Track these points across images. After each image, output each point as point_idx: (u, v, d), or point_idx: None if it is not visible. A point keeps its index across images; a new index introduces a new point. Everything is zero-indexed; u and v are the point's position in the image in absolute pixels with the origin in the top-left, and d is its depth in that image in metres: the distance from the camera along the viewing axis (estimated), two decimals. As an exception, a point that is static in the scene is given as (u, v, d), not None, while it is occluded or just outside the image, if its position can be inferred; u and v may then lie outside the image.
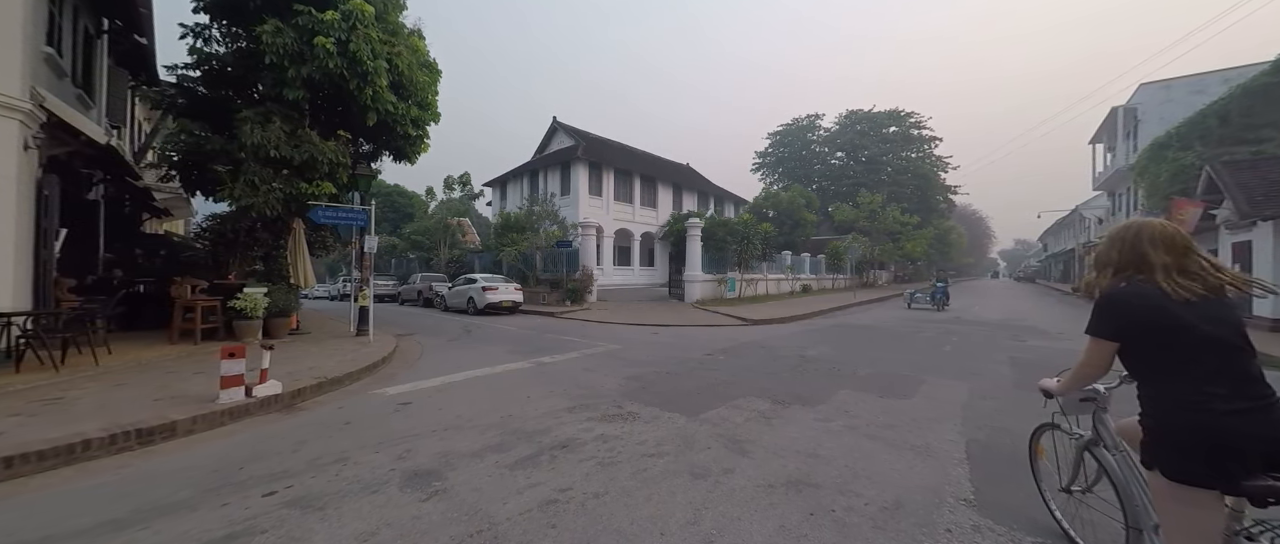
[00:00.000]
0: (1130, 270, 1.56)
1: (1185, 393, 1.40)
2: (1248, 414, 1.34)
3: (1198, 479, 1.36)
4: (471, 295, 15.35)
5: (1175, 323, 1.42)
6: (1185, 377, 1.40)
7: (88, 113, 9.34)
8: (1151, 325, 1.46)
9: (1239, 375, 1.38)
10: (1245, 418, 1.33)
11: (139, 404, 4.43)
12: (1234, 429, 1.33)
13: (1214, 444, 1.34)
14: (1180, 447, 1.39)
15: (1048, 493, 2.54)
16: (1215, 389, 1.36)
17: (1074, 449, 2.24)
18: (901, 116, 46.62)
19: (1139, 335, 1.49)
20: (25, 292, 6.27)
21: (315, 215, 7.98)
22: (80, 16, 8.56)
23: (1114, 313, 1.54)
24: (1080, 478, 2.24)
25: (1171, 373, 1.43)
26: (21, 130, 5.96)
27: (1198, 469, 1.36)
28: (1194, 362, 1.40)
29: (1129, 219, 1.66)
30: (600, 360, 7.13)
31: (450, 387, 5.55)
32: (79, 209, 9.35)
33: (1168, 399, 1.44)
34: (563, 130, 30.51)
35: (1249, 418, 1.33)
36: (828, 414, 4.35)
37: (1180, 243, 1.51)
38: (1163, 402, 1.45)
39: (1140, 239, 1.55)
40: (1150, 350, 1.48)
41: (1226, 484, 1.34)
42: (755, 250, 19.23)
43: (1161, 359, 1.46)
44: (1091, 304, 1.60)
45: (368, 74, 8.09)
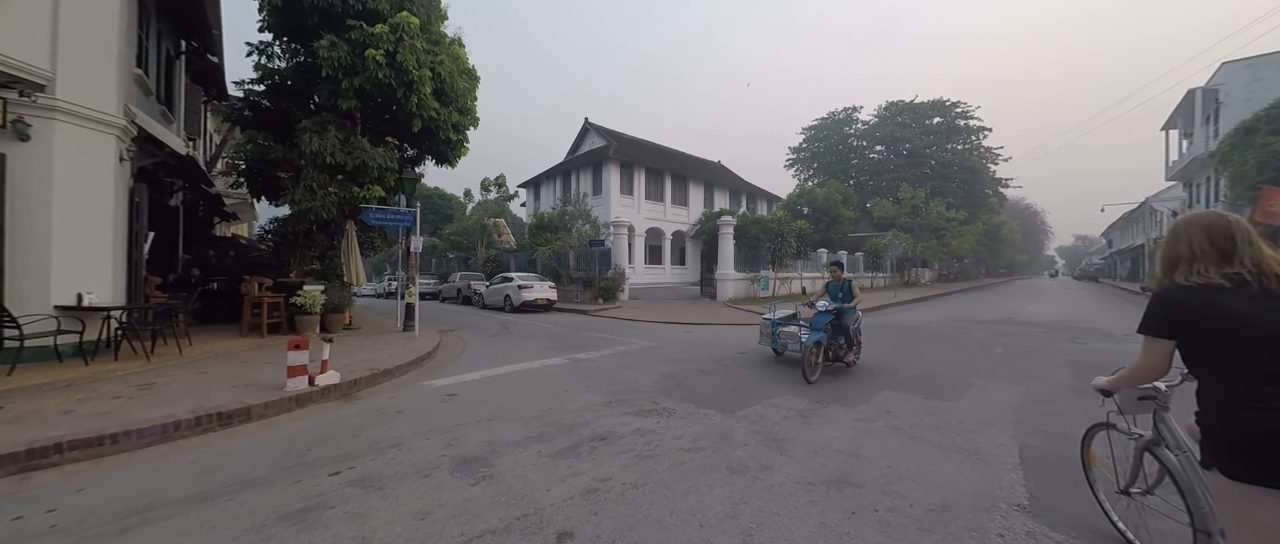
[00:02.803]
0: (1187, 265, 1.50)
1: (1243, 390, 1.33)
2: None
3: (1258, 478, 1.28)
4: (508, 293, 15.83)
5: (1233, 317, 1.36)
6: (1244, 373, 1.34)
7: (169, 126, 10.29)
8: (1206, 320, 1.41)
9: None
10: None
11: (219, 390, 4.88)
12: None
13: (1273, 442, 1.26)
14: (1237, 445, 1.33)
15: (1103, 496, 2.46)
16: (1275, 388, 1.29)
17: (1133, 450, 2.15)
18: (946, 106, 44.37)
19: (1193, 331, 1.45)
20: (121, 289, 7.00)
21: (367, 218, 8.49)
22: (163, 40, 9.44)
23: (1165, 309, 1.51)
24: (1140, 480, 2.15)
25: (1229, 369, 1.37)
26: (117, 144, 6.66)
27: (1256, 468, 1.28)
28: (1252, 357, 1.33)
29: (1189, 212, 1.59)
30: (635, 357, 7.22)
31: (492, 380, 5.78)
32: (162, 214, 10.33)
33: (1225, 396, 1.37)
34: (594, 131, 30.89)
35: None
36: (869, 414, 4.25)
37: (1240, 234, 1.44)
38: (1219, 399, 1.39)
39: (1197, 232, 1.49)
40: (1206, 346, 1.43)
41: (1265, 477, 1.27)
42: (790, 248, 18.86)
43: (1217, 355, 1.40)
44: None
45: (413, 83, 8.52)
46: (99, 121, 6.36)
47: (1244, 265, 1.40)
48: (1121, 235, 48.89)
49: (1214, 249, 1.44)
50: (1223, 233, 1.46)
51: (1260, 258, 1.41)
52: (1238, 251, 1.42)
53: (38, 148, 5.81)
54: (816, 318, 5.81)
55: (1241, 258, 1.41)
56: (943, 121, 44.36)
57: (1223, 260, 1.43)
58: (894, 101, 46.44)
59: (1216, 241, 1.45)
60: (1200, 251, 1.46)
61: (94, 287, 6.33)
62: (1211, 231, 1.46)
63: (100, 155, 6.42)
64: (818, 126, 49.83)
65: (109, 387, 4.95)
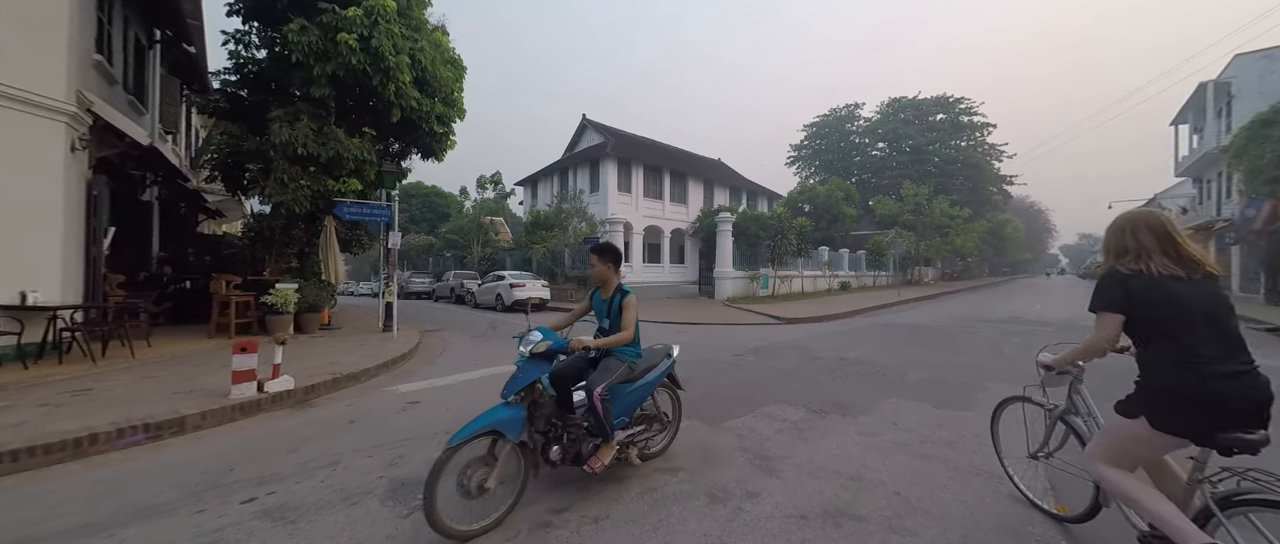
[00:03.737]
0: (1129, 256, 1.73)
1: (1180, 357, 1.57)
2: (1235, 377, 1.51)
3: (1180, 431, 1.57)
4: (500, 292, 15.41)
5: (1174, 297, 1.61)
6: (1179, 343, 1.58)
7: (140, 119, 9.88)
8: (1151, 300, 1.63)
9: (1226, 343, 1.56)
10: (1232, 381, 1.51)
11: (159, 397, 4.45)
12: (1221, 390, 1.51)
13: (1203, 402, 1.52)
14: (1173, 402, 1.57)
15: (1006, 459, 2.75)
16: (1206, 353, 1.54)
17: (1047, 419, 2.42)
18: (950, 103, 43.77)
19: (1141, 308, 1.66)
20: (76, 287, 6.57)
21: (341, 212, 8.05)
22: (130, 26, 9.02)
23: (1117, 289, 1.71)
24: (1046, 445, 2.42)
25: (1167, 339, 1.61)
26: (68, 132, 6.23)
27: (1183, 422, 1.56)
28: (1187, 330, 1.57)
29: (1126, 211, 1.84)
30: (621, 360, 6.77)
31: (462, 386, 5.34)
32: (133, 209, 9.92)
33: (1165, 362, 1.61)
34: (592, 127, 30.45)
35: (1236, 380, 1.51)
36: (872, 427, 3.79)
37: (1168, 230, 1.70)
38: (1160, 364, 1.63)
39: (1137, 227, 1.74)
40: (1148, 320, 1.66)
41: (1203, 437, 1.53)
42: (790, 246, 18.37)
43: (1163, 328, 1.62)
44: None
45: (390, 70, 8.07)
46: (45, 108, 5.93)
47: (1179, 256, 1.67)
48: (1128, 233, 48.23)
49: (1156, 242, 1.69)
50: (1161, 229, 1.71)
51: (1189, 251, 1.67)
52: (1173, 245, 1.68)
53: (-26, 135, 5.40)
54: (516, 375, 2.75)
55: (1176, 250, 1.68)
56: (946, 118, 43.77)
57: (1162, 252, 1.68)
58: (897, 98, 45.87)
59: (1157, 236, 1.70)
60: (1144, 244, 1.70)
61: (40, 284, 5.90)
62: (1152, 228, 1.72)
63: (47, 144, 6.00)
64: (819, 124, 49.27)
65: (39, 393, 4.52)
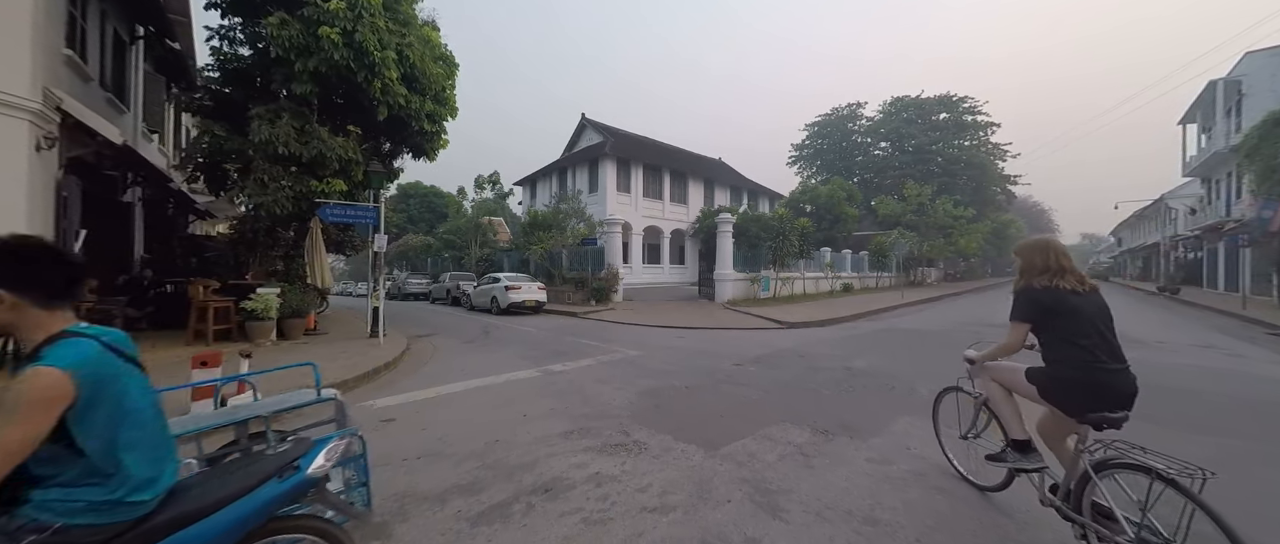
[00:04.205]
0: (1045, 274, 2.21)
1: (1078, 356, 2.06)
2: (1116, 374, 2.05)
3: (1064, 407, 2.11)
4: (495, 294, 15.07)
5: (1074, 307, 2.12)
6: (1077, 345, 2.07)
7: (120, 118, 9.56)
8: (1055, 310, 2.13)
9: (1111, 347, 2.08)
10: (1114, 375, 2.05)
11: (112, 416, 4.13)
12: (1106, 383, 2.03)
13: (1091, 390, 2.03)
14: (1066, 389, 2.10)
15: (944, 442, 3.12)
16: (1100, 356, 2.05)
17: (974, 405, 2.81)
18: (953, 102, 43.31)
19: (1046, 317, 2.16)
20: (42, 293, 6.27)
21: (324, 213, 7.73)
22: (108, 21, 8.70)
23: (1031, 303, 2.21)
24: (974, 427, 2.81)
25: (1068, 343, 2.09)
26: (32, 130, 5.91)
27: (1070, 402, 2.09)
28: (1086, 335, 2.07)
29: (1034, 236, 2.50)
30: (615, 369, 6.44)
31: (444, 400, 5.01)
32: (113, 210, 9.60)
33: (1066, 360, 2.10)
34: (591, 127, 30.13)
35: (1116, 376, 2.05)
36: (886, 451, 3.45)
37: (1064, 254, 2.25)
38: (1062, 362, 2.12)
39: (1046, 251, 2.26)
40: (1058, 326, 2.13)
41: (1079, 414, 2.05)
42: (792, 247, 18.01)
43: (1066, 332, 2.10)
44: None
45: (375, 65, 7.75)
46: (6, 105, 5.62)
47: (1073, 275, 2.19)
48: (1132, 233, 47.77)
49: (1056, 263, 2.20)
50: (1058, 253, 2.24)
51: (1074, 269, 2.20)
52: (1065, 266, 2.20)
53: (-75, 133, 5.08)
54: None
55: (1068, 270, 2.19)
56: (949, 117, 43.31)
57: (1059, 271, 2.19)
58: (899, 97, 45.41)
59: (1061, 257, 2.22)
60: (1050, 265, 2.20)
61: (0, 291, 5.58)
62: (1058, 251, 2.25)
63: (9, 143, 5.68)
64: (821, 123, 48.86)
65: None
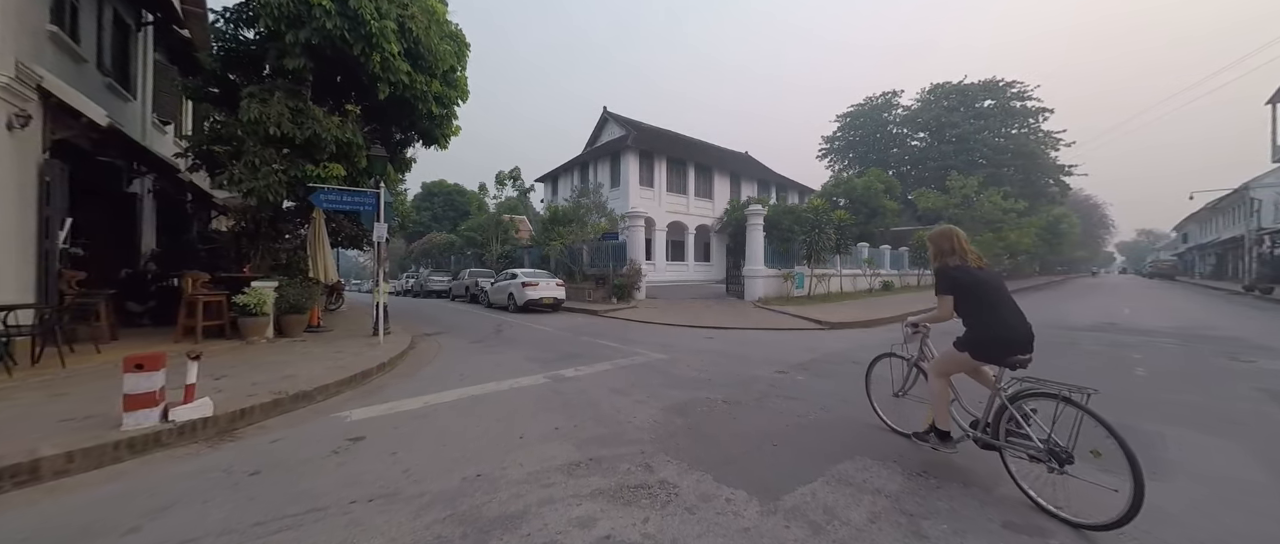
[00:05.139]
0: (953, 256, 2.84)
1: (993, 319, 2.63)
2: (1018, 328, 2.58)
3: (991, 359, 2.65)
4: (511, 291, 14.39)
5: (980, 281, 2.71)
6: (990, 309, 2.65)
7: (125, 105, 9.25)
8: (969, 283, 2.72)
9: (1013, 307, 2.64)
10: (1018, 330, 2.58)
11: (38, 426, 3.47)
12: (1014, 336, 2.57)
13: (1005, 343, 2.58)
14: (986, 344, 2.64)
15: (875, 401, 3.73)
16: (1006, 315, 2.61)
17: (906, 366, 3.48)
18: (999, 88, 40.41)
19: (963, 288, 2.73)
20: (20, 283, 5.80)
21: (318, 199, 7.10)
22: (108, 3, 8.33)
23: (950, 279, 2.78)
24: (904, 385, 3.49)
25: (986, 308, 2.67)
26: (4, 107, 5.43)
27: (992, 354, 2.63)
28: (991, 300, 2.66)
29: (939, 226, 3.12)
30: (636, 376, 5.50)
31: (430, 412, 4.18)
32: (115, 201, 9.31)
33: (985, 322, 2.66)
34: (613, 120, 29.31)
35: (1019, 329, 2.58)
36: (1029, 518, 2.37)
37: (964, 239, 2.89)
38: (981, 323, 2.68)
39: (955, 237, 2.88)
40: (972, 296, 2.70)
41: (1001, 361, 2.61)
42: (828, 241, 16.65)
43: (978, 301, 2.69)
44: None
45: (373, 37, 7.06)
46: (-33, 77, 5.13)
47: (971, 255, 2.83)
48: (1202, 228, 43.56)
49: (962, 246, 2.85)
50: (959, 238, 2.88)
51: (973, 251, 2.87)
52: (966, 249, 2.85)
53: (-127, 105, 4.60)
54: None
55: (969, 251, 2.85)
56: (995, 104, 40.42)
57: (963, 253, 2.83)
58: (939, 84, 42.77)
59: (962, 242, 2.86)
60: (956, 248, 2.84)
61: (-37, 281, 5.10)
62: (960, 237, 2.88)
63: (-29, 119, 5.19)
64: (853, 113, 46.58)
65: (-101, 419, 3.62)
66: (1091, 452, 2.47)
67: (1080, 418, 2.30)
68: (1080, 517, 2.23)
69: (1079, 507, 2.29)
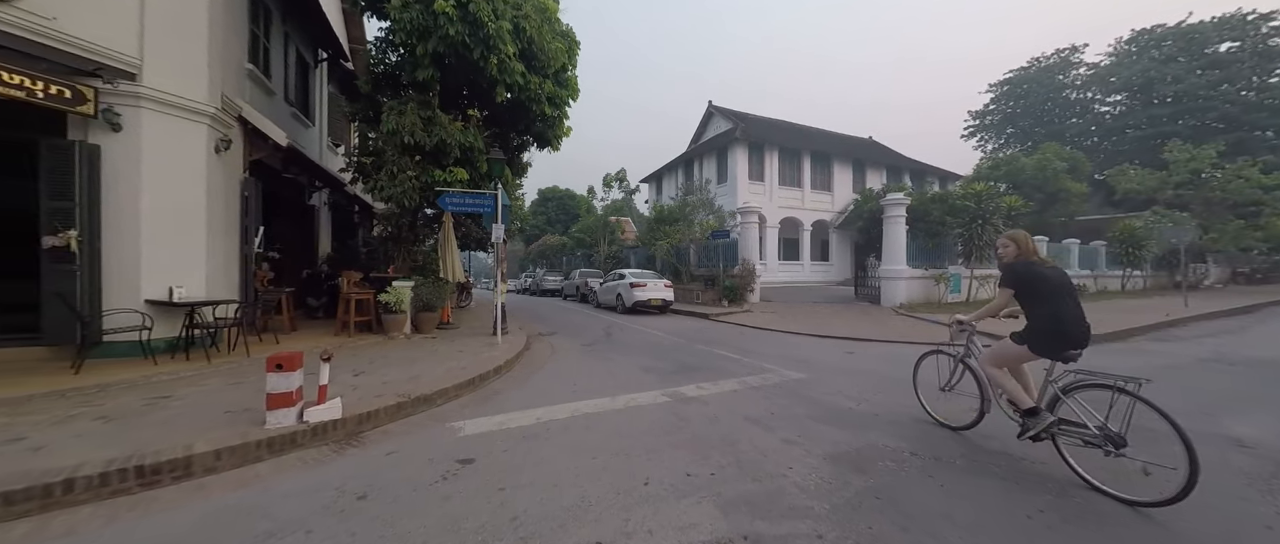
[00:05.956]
0: (1018, 254, 3.04)
1: (1052, 313, 2.78)
2: (1078, 324, 2.74)
3: (1048, 354, 2.83)
4: (620, 292, 14.18)
5: (1043, 277, 2.87)
6: (1051, 305, 2.80)
7: (306, 131, 10.89)
8: (1032, 280, 2.90)
9: (1075, 305, 2.79)
10: (1077, 326, 2.74)
11: (208, 416, 3.73)
12: (1072, 333, 2.74)
13: (1064, 338, 2.75)
14: (1047, 339, 2.80)
15: (922, 395, 3.94)
16: (1066, 312, 2.75)
17: (953, 362, 3.66)
18: (1246, 23, 29.94)
19: (1026, 285, 2.92)
20: (224, 283, 6.83)
21: (443, 202, 7.37)
22: (291, 43, 9.81)
23: (1013, 275, 2.98)
24: (951, 380, 3.70)
25: (1046, 304, 2.81)
26: (210, 133, 6.42)
27: (1050, 349, 2.80)
28: (1055, 299, 2.80)
29: (1008, 230, 3.25)
30: (773, 401, 4.50)
31: (541, 431, 3.71)
32: (301, 213, 10.99)
33: (1046, 318, 2.81)
34: (719, 114, 28.11)
35: (1078, 326, 2.74)
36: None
37: (1031, 239, 3.08)
38: (1043, 319, 2.82)
39: (1019, 238, 3.09)
40: (1036, 293, 2.87)
41: (1057, 356, 2.80)
42: (993, 234, 13.48)
43: (1041, 297, 2.85)
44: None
45: (490, 39, 7.10)
46: (188, 109, 6.10)
47: (1038, 254, 3.03)
48: None
49: (1028, 246, 3.04)
50: (1027, 240, 3.07)
51: (1039, 252, 3.06)
52: (1034, 250, 3.04)
53: (127, 137, 5.65)
54: None
55: (1036, 252, 3.04)
56: (1241, 47, 30.05)
57: (1032, 251, 3.04)
58: (1143, 30, 33.27)
59: (1027, 244, 3.05)
60: (1023, 247, 3.04)
61: (185, 281, 6.10)
62: (1023, 241, 3.06)
63: (190, 145, 6.18)
64: (1014, 80, 38.57)
65: (119, 398, 4.20)
66: (1142, 470, 2.45)
67: (1133, 405, 2.47)
68: (1135, 495, 2.41)
69: (1133, 486, 2.45)
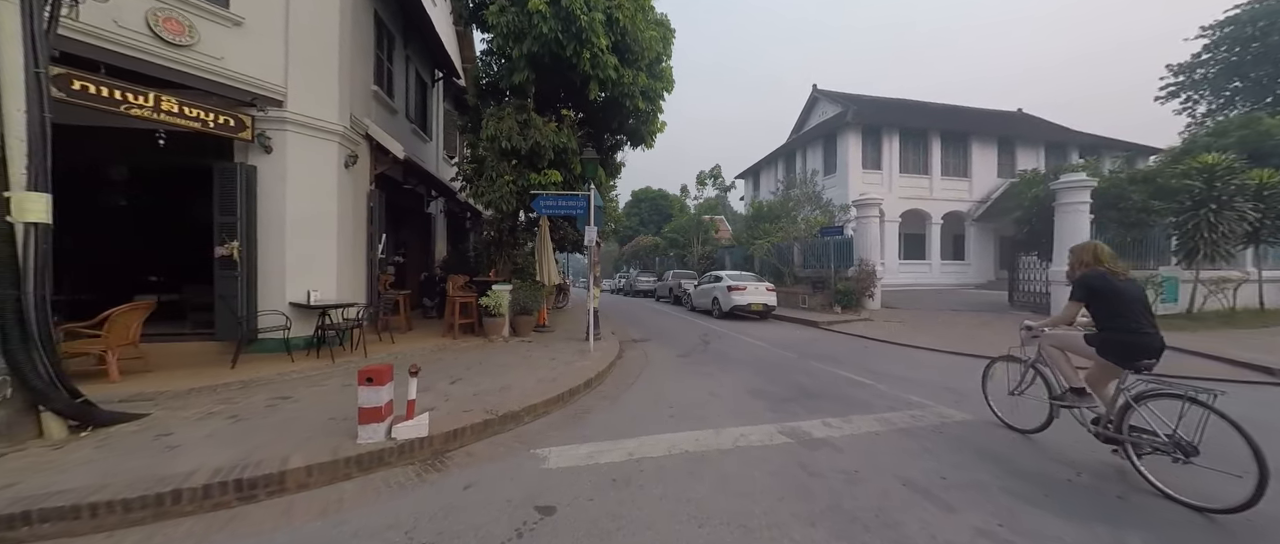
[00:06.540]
0: (1089, 265, 3.21)
1: (1125, 324, 2.94)
2: (1151, 336, 2.89)
3: (1117, 361, 2.98)
4: (716, 295, 13.26)
5: (1118, 291, 3.01)
6: (1124, 317, 2.95)
7: (424, 146, 11.83)
8: (1105, 293, 3.05)
9: (1148, 318, 2.95)
10: (1150, 338, 2.88)
11: (312, 423, 3.79)
12: (1144, 344, 2.88)
13: (1135, 348, 2.89)
14: (1118, 348, 2.96)
15: (991, 399, 4.08)
16: (1140, 324, 2.91)
17: (1023, 367, 3.79)
18: None
19: (1095, 296, 3.08)
20: (353, 287, 7.47)
21: (537, 205, 7.25)
22: (411, 64, 10.67)
23: (1084, 287, 3.14)
24: (1021, 384, 3.79)
25: (1119, 315, 2.97)
26: (340, 150, 7.02)
27: (1123, 358, 2.95)
28: (1129, 310, 2.96)
29: (1081, 242, 3.57)
30: (937, 455, 3.36)
31: (634, 474, 3.11)
32: (421, 221, 11.99)
33: (1118, 328, 2.96)
34: (825, 99, 25.53)
35: (1151, 338, 2.89)
36: None
37: (1106, 250, 3.24)
38: (1115, 328, 2.98)
39: (1094, 250, 3.27)
40: (1108, 304, 3.03)
41: (1128, 365, 2.93)
42: (1237, 226, 9.83)
43: (1113, 308, 3.01)
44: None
45: (583, 32, 6.80)
46: (322, 130, 6.71)
47: (1113, 266, 3.14)
48: None
49: (1101, 257, 3.18)
50: (1104, 251, 3.23)
51: (1114, 262, 3.17)
52: (1105, 259, 3.18)
53: (275, 158, 6.35)
54: None
55: (1111, 263, 3.15)
56: None
57: (1105, 261, 3.17)
58: None
59: (1101, 253, 3.22)
60: (1096, 258, 3.19)
61: (320, 285, 6.72)
62: (1098, 251, 3.24)
63: (324, 161, 6.79)
64: (1241, 18, 29.15)
65: (254, 396, 4.53)
66: (1226, 470, 2.50)
67: (1206, 416, 2.55)
68: (1205, 502, 2.52)
69: (1202, 492, 2.56)
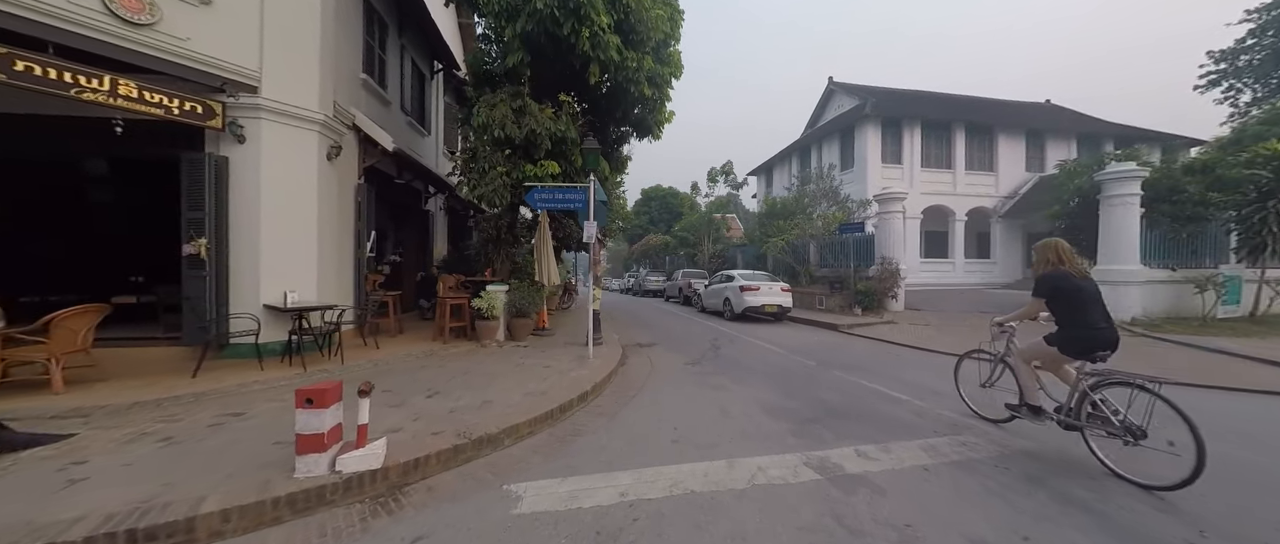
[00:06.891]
0: (1053, 264, 3.36)
1: (1083, 320, 3.15)
2: (1105, 330, 3.09)
3: (1076, 355, 3.22)
4: (728, 296, 12.57)
5: (1077, 289, 3.20)
6: (1083, 313, 3.16)
7: (423, 140, 11.36)
8: (1066, 290, 3.23)
9: (1103, 313, 3.15)
10: (1105, 333, 3.09)
11: (253, 449, 3.24)
12: (1102, 338, 3.09)
13: (1091, 342, 3.11)
14: (1077, 343, 3.19)
15: (963, 391, 4.36)
16: (1095, 319, 3.13)
17: (993, 361, 4.07)
18: None
19: (1061, 295, 3.26)
20: (337, 287, 6.99)
21: (531, 198, 6.66)
22: (407, 54, 10.17)
23: (1046, 285, 3.34)
24: (991, 377, 4.06)
25: (1077, 311, 3.18)
26: (320, 140, 6.52)
27: (1078, 350, 3.19)
28: (1086, 308, 3.16)
29: (1046, 240, 3.58)
30: (1006, 496, 2.69)
31: (626, 522, 2.49)
32: (416, 218, 11.52)
33: (1076, 324, 3.19)
34: (841, 92, 24.55)
35: (1106, 332, 3.09)
36: None
37: (1067, 249, 3.39)
38: (1073, 324, 3.20)
39: (1056, 248, 3.41)
40: (1067, 301, 3.23)
41: (1086, 357, 3.16)
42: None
43: (1072, 305, 3.21)
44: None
45: (581, 8, 6.17)
46: (300, 118, 6.20)
47: (1073, 265, 3.32)
48: None
49: (1063, 256, 3.34)
50: (1065, 249, 3.39)
51: (1075, 262, 3.34)
52: (1069, 259, 3.34)
53: (248, 148, 5.86)
54: None
55: (1071, 262, 3.32)
56: None
57: (1066, 262, 3.33)
58: None
59: (1063, 252, 3.36)
60: (1059, 257, 3.34)
61: (299, 285, 6.23)
62: (1061, 249, 3.38)
63: (303, 152, 6.29)
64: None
65: (200, 413, 4.01)
66: (1168, 444, 2.71)
67: (1153, 402, 2.80)
68: (1152, 480, 2.76)
69: (1148, 471, 2.80)
